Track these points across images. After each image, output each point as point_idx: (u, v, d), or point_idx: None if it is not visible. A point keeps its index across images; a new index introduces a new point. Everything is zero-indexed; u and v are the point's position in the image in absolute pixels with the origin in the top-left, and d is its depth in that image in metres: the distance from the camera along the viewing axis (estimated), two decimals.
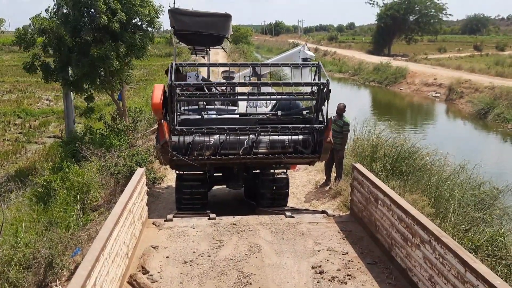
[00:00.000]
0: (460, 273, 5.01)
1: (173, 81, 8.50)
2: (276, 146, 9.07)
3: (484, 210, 9.69)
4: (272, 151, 9.07)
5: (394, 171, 11.45)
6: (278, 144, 9.08)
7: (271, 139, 9.04)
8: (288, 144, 9.12)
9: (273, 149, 9.06)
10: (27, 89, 35.23)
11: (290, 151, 9.11)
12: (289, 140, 9.13)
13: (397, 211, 6.63)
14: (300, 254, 7.09)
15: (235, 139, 8.93)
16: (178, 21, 11.34)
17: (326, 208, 9.74)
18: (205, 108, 9.68)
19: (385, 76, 46.54)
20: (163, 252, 7.11)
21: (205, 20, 11.31)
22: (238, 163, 9.55)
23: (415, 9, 73.46)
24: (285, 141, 9.11)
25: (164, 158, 8.84)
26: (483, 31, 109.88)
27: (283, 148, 9.10)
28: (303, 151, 9.13)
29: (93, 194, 11.71)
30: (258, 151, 9.03)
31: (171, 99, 8.56)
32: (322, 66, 9.39)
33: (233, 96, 9.68)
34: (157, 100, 8.59)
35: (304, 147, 9.15)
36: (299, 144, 9.16)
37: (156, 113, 8.87)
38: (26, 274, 8.08)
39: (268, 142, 9.04)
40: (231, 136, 8.90)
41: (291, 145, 9.13)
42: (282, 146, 9.10)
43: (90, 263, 4.77)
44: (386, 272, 6.61)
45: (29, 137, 23.00)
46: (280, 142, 9.09)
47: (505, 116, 28.09)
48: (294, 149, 9.13)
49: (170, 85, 8.45)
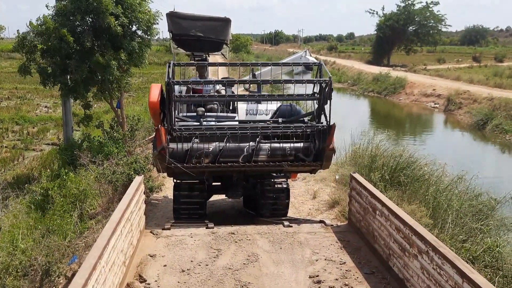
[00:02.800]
0: (457, 283, 5.00)
1: (171, 79, 8.32)
2: (277, 153, 8.83)
3: (481, 221, 9.69)
4: (273, 158, 8.83)
5: (393, 181, 11.46)
6: (279, 151, 8.85)
7: (272, 147, 8.82)
8: (289, 152, 8.86)
9: (274, 156, 8.82)
10: (25, 96, 35.20)
11: (291, 159, 8.85)
12: (290, 148, 8.88)
13: (395, 221, 6.64)
14: (298, 264, 7.08)
15: (234, 146, 8.68)
16: (176, 24, 11.09)
17: (324, 218, 9.72)
18: (204, 115, 9.39)
19: (384, 86, 46.65)
20: (160, 261, 7.09)
21: (204, 24, 11.05)
22: (238, 171, 9.30)
23: (414, 19, 73.78)
24: (286, 149, 8.87)
25: (161, 165, 8.59)
26: (481, 43, 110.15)
27: (284, 156, 8.85)
28: (305, 159, 8.85)
29: (91, 202, 11.69)
30: (258, 158, 8.78)
31: (168, 98, 8.32)
32: (324, 65, 9.06)
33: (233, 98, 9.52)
34: (154, 99, 8.44)
35: (305, 154, 8.88)
36: (300, 151, 8.89)
37: (154, 113, 8.69)
38: (22, 281, 8.06)
39: (269, 150, 8.80)
40: (230, 143, 8.71)
41: (292, 153, 8.87)
42: (283, 153, 8.85)
43: (87, 271, 4.75)
44: (384, 282, 6.61)
45: (27, 144, 22.96)
46: (281, 149, 8.86)
47: (504, 127, 28.17)
48: (295, 157, 8.87)
49: (168, 83, 8.23)
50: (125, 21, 15.87)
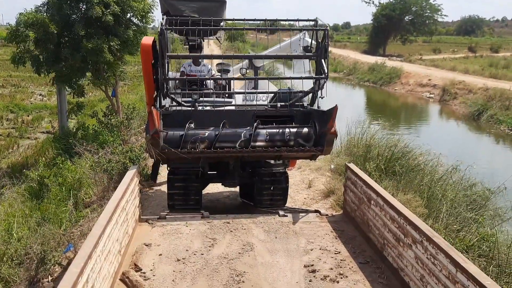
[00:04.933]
0: (451, 273, 5.04)
1: (164, 25, 7.74)
2: (276, 139, 8.35)
3: (476, 211, 9.75)
4: (271, 144, 8.30)
5: (387, 171, 11.48)
6: (278, 136, 8.38)
7: (270, 132, 8.36)
8: (289, 137, 8.36)
9: (272, 142, 8.32)
10: (20, 84, 35.03)
11: (291, 144, 8.35)
12: (290, 133, 8.40)
13: (390, 211, 6.67)
14: (293, 253, 7.11)
15: (231, 132, 8.28)
16: (170, 6, 10.76)
17: (319, 207, 9.76)
18: (199, 100, 8.82)
19: (380, 76, 46.65)
20: (156, 250, 7.11)
21: (198, 5, 10.73)
22: (235, 157, 8.81)
23: (410, 9, 73.69)
24: (285, 134, 8.39)
25: (154, 150, 7.90)
26: (477, 33, 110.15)
27: (283, 141, 8.34)
28: (305, 144, 8.35)
29: (86, 190, 11.68)
30: (256, 144, 8.26)
31: (161, 52, 7.74)
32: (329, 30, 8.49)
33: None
34: (147, 41, 7.99)
35: (305, 140, 8.39)
36: (300, 136, 8.41)
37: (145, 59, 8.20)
38: (18, 269, 8.07)
39: (267, 135, 8.33)
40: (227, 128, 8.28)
41: (292, 138, 8.37)
42: (282, 139, 8.37)
43: (83, 260, 4.76)
44: (378, 272, 6.64)
45: (22, 132, 22.94)
46: (279, 134, 8.40)
47: (498, 118, 28.27)
48: (294, 142, 8.37)
49: (161, 31, 7.66)
50: (117, 10, 15.76)
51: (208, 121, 8.35)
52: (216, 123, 8.28)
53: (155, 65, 8.21)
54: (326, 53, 8.45)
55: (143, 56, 8.41)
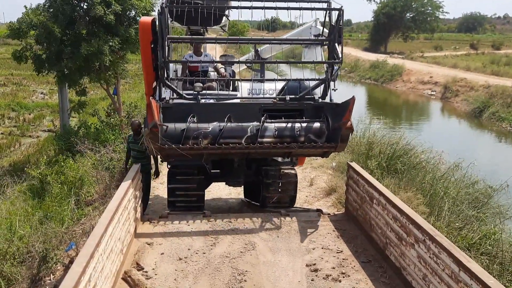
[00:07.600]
0: (454, 272, 5.03)
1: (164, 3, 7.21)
2: (285, 134, 7.71)
3: (478, 209, 9.74)
4: (280, 140, 7.68)
5: (389, 168, 11.48)
6: (287, 132, 7.73)
7: (279, 127, 7.72)
8: (299, 132, 7.72)
9: (281, 138, 7.69)
10: (21, 82, 35.06)
11: (301, 140, 7.72)
12: (300, 128, 7.77)
13: (392, 210, 6.65)
14: (295, 252, 7.10)
15: (237, 126, 7.63)
16: None
17: (321, 206, 9.74)
18: (202, 92, 8.15)
19: (381, 73, 46.67)
20: (158, 249, 7.11)
21: None
22: (241, 154, 8.20)
23: (412, 6, 73.51)
24: (295, 129, 7.75)
25: (153, 145, 7.22)
26: (479, 30, 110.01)
27: (292, 137, 7.72)
28: (316, 140, 7.75)
29: (88, 189, 11.67)
30: (264, 140, 7.63)
31: (161, 32, 7.20)
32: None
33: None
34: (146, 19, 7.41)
35: (317, 135, 7.78)
36: (311, 131, 7.77)
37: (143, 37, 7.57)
38: (20, 268, 8.06)
39: (276, 130, 7.69)
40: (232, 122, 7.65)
41: (302, 133, 7.73)
42: (292, 134, 7.73)
43: (85, 259, 4.76)
44: (380, 271, 6.64)
45: (23, 131, 22.96)
46: (289, 129, 7.74)
47: (500, 115, 28.26)
48: (305, 137, 7.74)
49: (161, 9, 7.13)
50: (118, 9, 15.75)
51: (212, 115, 7.67)
52: (221, 117, 7.63)
53: (154, 50, 7.58)
54: (341, 38, 7.86)
55: (142, 35, 7.73)
